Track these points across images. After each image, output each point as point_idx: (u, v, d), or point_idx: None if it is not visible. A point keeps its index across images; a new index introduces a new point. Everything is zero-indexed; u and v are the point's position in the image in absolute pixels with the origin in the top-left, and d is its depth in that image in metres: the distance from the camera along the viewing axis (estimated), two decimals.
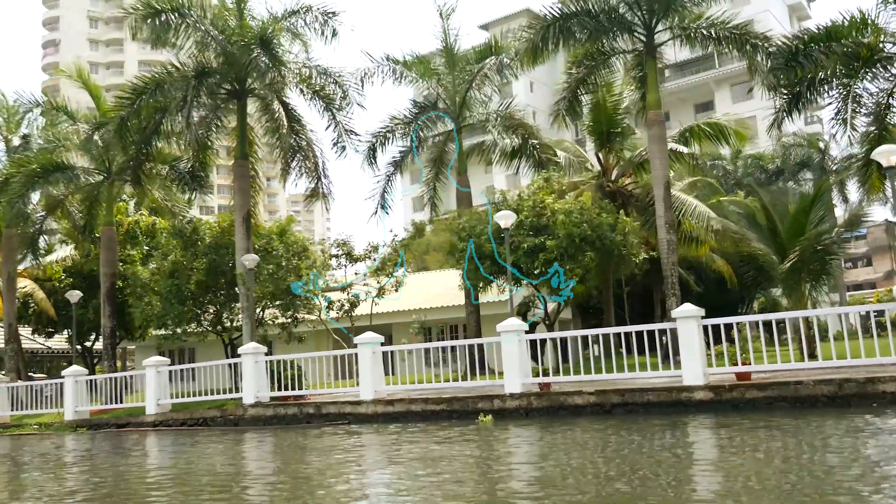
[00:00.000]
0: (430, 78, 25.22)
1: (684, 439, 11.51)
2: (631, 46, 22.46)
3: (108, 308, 25.78)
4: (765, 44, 20.22)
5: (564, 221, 19.00)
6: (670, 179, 21.17)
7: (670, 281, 20.14)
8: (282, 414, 19.28)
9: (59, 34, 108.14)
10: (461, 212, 23.65)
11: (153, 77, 22.58)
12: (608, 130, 25.83)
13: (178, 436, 18.40)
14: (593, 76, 22.93)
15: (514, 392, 16.30)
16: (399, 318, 26.90)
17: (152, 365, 21.73)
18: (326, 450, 13.40)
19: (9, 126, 29.05)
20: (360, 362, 18.35)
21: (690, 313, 14.91)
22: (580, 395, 15.68)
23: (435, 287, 29.26)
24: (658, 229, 20.55)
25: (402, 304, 28.13)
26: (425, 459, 10.87)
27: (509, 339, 16.60)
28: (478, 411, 16.56)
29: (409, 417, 17.24)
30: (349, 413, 18.18)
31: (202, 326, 26.09)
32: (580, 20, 20.39)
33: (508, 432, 13.78)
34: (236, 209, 23.33)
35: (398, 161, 26.03)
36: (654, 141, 20.81)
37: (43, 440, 20.42)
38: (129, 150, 22.60)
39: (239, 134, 23.69)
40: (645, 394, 15.08)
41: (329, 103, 22.91)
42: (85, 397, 23.78)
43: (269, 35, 21.28)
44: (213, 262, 24.18)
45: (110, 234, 26.38)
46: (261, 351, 20.16)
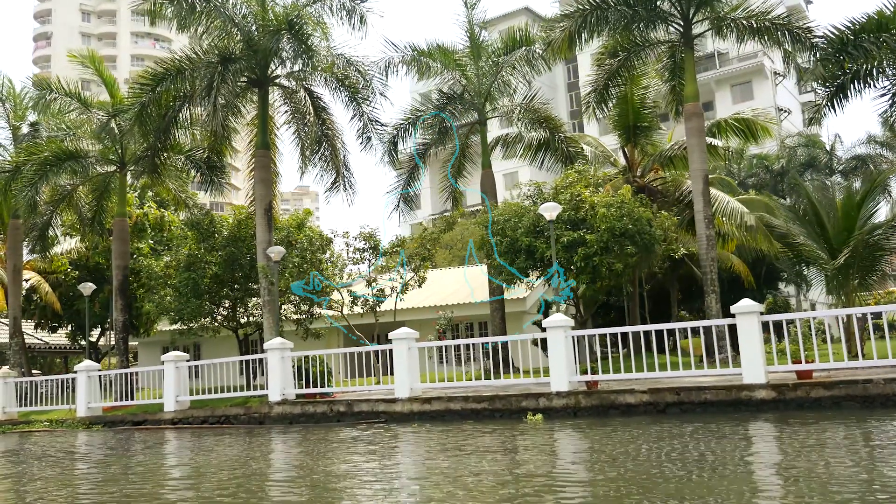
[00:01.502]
0: (454, 69, 24.58)
1: (771, 441, 10.93)
2: (665, 37, 21.96)
3: (120, 302, 24.97)
4: (807, 35, 19.71)
5: (606, 215, 18.42)
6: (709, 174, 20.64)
7: (709, 277, 19.61)
8: (310, 412, 18.60)
9: (50, 27, 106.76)
10: (492, 205, 23.04)
11: (173, 63, 21.82)
12: (634, 125, 25.29)
13: (203, 434, 17.67)
14: (625, 68, 22.37)
15: (561, 390, 15.71)
16: (416, 315, 26.20)
17: (171, 360, 20.98)
18: (388, 450, 12.72)
19: (16, 113, 28.19)
20: (396, 359, 17.70)
21: (751, 308, 14.37)
22: (632, 393, 15.10)
23: (453, 283, 28.66)
24: (696, 224, 20.03)
25: (422, 300, 27.50)
26: (502, 459, 10.26)
27: (556, 335, 16.00)
28: (521, 410, 15.96)
29: (447, 416, 16.63)
30: (383, 411, 17.53)
31: (216, 321, 25.37)
32: (618, 9, 19.81)
33: (566, 432, 13.18)
34: (257, 200, 22.62)
35: (421, 153, 25.39)
36: (692, 134, 20.29)
37: (57, 437, 19.63)
38: (149, 137, 21.82)
39: (260, 123, 23.00)
40: (702, 392, 14.52)
41: (355, 93, 22.22)
42: (97, 393, 22.99)
43: (297, 19, 20.57)
44: (232, 255, 23.44)
45: (122, 225, 25.58)
46: (287, 346, 19.46)
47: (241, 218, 24.88)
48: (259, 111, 23.03)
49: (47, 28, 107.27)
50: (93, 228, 28.16)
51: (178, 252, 25.02)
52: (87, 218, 28.32)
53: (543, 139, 24.87)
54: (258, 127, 23.12)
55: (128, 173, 26.18)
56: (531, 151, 25.98)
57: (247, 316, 25.27)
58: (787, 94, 72.51)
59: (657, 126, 25.81)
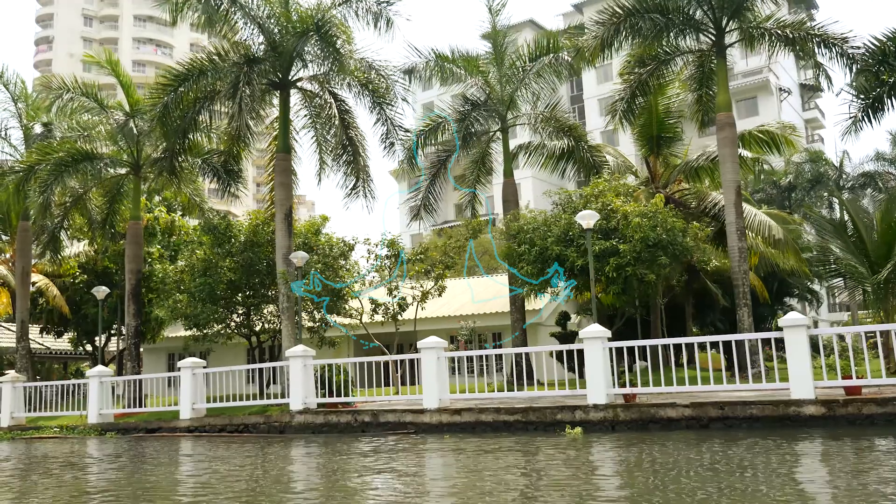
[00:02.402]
0: (477, 75, 24.25)
1: (835, 460, 10.51)
2: (695, 46, 21.69)
3: (132, 306, 24.45)
4: (844, 45, 19.44)
5: (641, 224, 18.05)
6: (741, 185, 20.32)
7: (741, 291, 19.25)
8: (333, 422, 18.11)
9: (52, 31, 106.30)
10: (515, 214, 22.66)
11: (195, 64, 21.41)
12: (658, 135, 24.98)
13: (225, 443, 17.14)
14: (653, 77, 22.07)
15: (599, 403, 15.27)
16: (435, 325, 25.75)
17: (188, 367, 20.48)
18: (433, 463, 12.26)
19: (28, 113, 27.74)
20: (424, 368, 17.24)
21: (798, 322, 13.97)
22: (673, 407, 14.67)
23: (467, 293, 28.22)
24: (728, 236, 19.69)
25: (438, 309, 27.06)
26: (561, 476, 9.83)
27: (593, 346, 15.58)
28: (556, 423, 15.53)
29: (478, 428, 16.17)
30: (411, 422, 17.05)
31: (229, 328, 24.88)
32: (652, 17, 19.53)
33: (612, 446, 12.73)
34: (277, 205, 22.19)
35: (443, 160, 24.99)
36: (725, 144, 20.00)
37: (73, 444, 19.09)
38: (171, 138, 21.38)
39: (281, 126, 22.60)
40: (747, 407, 14.10)
41: (380, 97, 21.83)
42: (110, 400, 22.45)
43: (324, 21, 20.21)
44: (249, 261, 22.98)
45: (136, 228, 25.10)
46: (309, 354, 19.00)
47: (258, 223, 24.43)
48: (280, 114, 22.64)
49: (49, 32, 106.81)
50: (103, 232, 27.66)
51: (191, 256, 24.56)
52: (98, 221, 27.82)
53: (566, 148, 24.50)
54: (279, 130, 22.72)
55: (142, 176, 25.69)
56: (552, 160, 25.62)
57: (261, 323, 24.77)
58: (791, 110, 72.60)
59: (680, 137, 25.49)
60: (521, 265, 19.57)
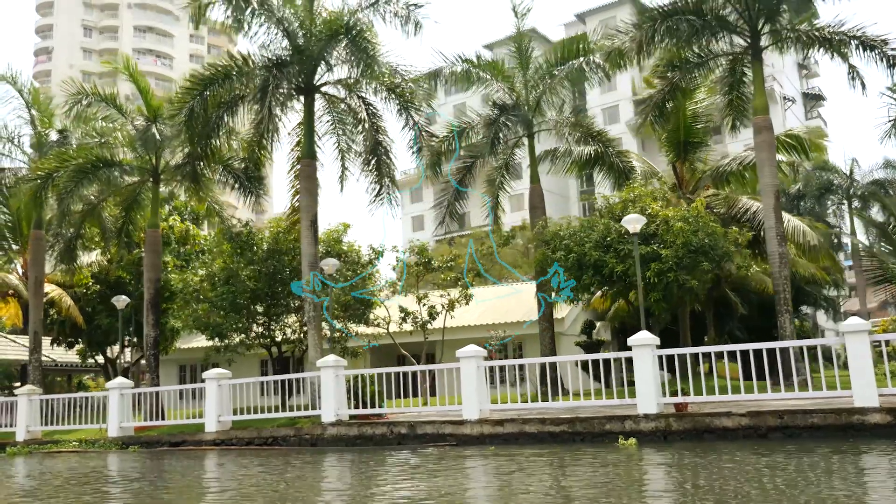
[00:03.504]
0: (503, 80, 23.87)
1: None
2: (727, 49, 21.36)
3: (151, 316, 23.88)
4: (883, 47, 19.13)
5: (683, 229, 17.62)
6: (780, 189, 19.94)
7: (782, 297, 18.85)
8: (368, 434, 17.58)
9: (52, 42, 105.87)
10: (543, 221, 22.23)
11: (220, 69, 20.96)
12: (685, 140, 24.61)
13: (259, 456, 16.57)
14: (684, 81, 21.72)
15: (650, 413, 14.80)
16: (463, 335, 25.23)
17: (214, 378, 19.93)
18: (498, 477, 11.74)
19: (42, 119, 27.25)
20: (464, 378, 16.74)
21: (861, 327, 13.54)
22: (729, 416, 14.20)
23: (498, 302, 27.73)
24: (768, 242, 19.31)
25: (461, 318, 26.56)
26: (657, 489, 9.35)
27: (642, 354, 15.12)
28: (605, 433, 15.04)
29: (521, 439, 15.67)
30: (450, 434, 16.54)
31: (248, 338, 24.35)
32: (689, 19, 19.18)
33: (675, 457, 12.25)
34: (302, 212, 21.70)
35: (469, 166, 24.57)
36: (762, 148, 19.63)
37: (98, 458, 18.52)
38: (195, 143, 20.90)
39: (305, 131, 22.13)
40: (808, 416, 13.64)
41: (407, 102, 21.38)
42: (130, 413, 21.86)
43: (355, 23, 19.82)
44: (273, 269, 22.48)
45: (155, 236, 24.56)
46: (341, 364, 18.51)
47: (279, 231, 23.96)
48: (305, 119, 22.18)
49: (48, 43, 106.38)
50: (119, 241, 27.14)
51: (211, 265, 24.06)
52: (112, 231, 27.28)
53: (593, 154, 24.10)
54: (303, 135, 22.25)
55: (161, 183, 25.22)
56: (575, 165, 25.23)
57: (282, 333, 24.24)
58: (794, 119, 72.54)
59: (706, 142, 25.13)
60: (558, 272, 19.10)
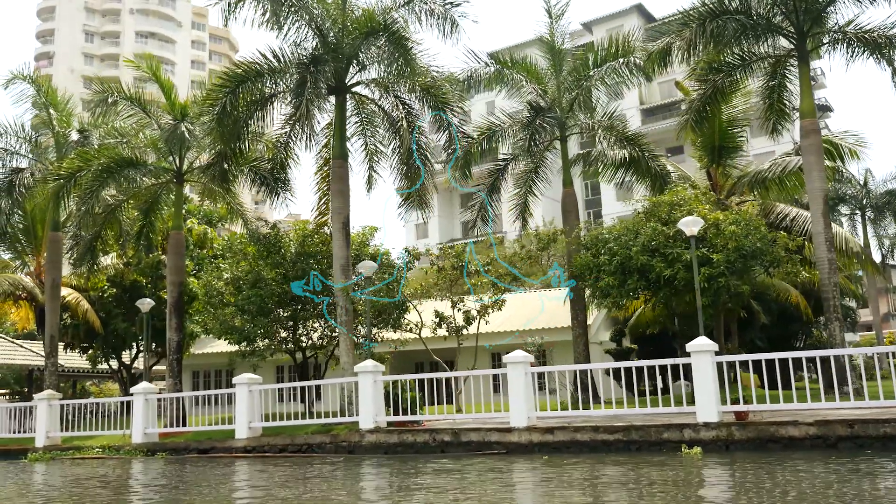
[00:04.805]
0: (537, 82, 23.43)
1: None
2: (771, 51, 20.99)
3: (174, 320, 23.26)
4: None
5: (736, 232, 17.16)
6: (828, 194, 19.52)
7: (832, 304, 18.39)
8: (409, 441, 17.01)
9: (53, 47, 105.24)
10: (574, 225, 21.78)
11: (251, 66, 20.44)
12: (720, 145, 24.18)
13: (298, 464, 15.98)
14: (726, 84, 21.32)
15: (710, 421, 14.29)
16: (492, 341, 24.70)
17: (244, 383, 19.34)
18: (583, 491, 11.20)
19: (61, 119, 26.71)
20: (511, 384, 16.21)
21: None
22: (795, 425, 13.70)
23: (523, 307, 27.21)
24: (816, 248, 18.86)
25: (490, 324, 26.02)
26: None
27: (702, 360, 14.62)
28: (662, 442, 14.55)
29: (574, 448, 15.14)
30: (497, 442, 16.00)
31: (274, 343, 23.77)
32: (737, 18, 18.78)
33: (746, 467, 11.73)
34: (333, 213, 21.17)
35: (501, 169, 24.10)
36: (810, 151, 19.21)
37: (128, 465, 17.91)
38: (227, 142, 20.35)
39: (337, 131, 21.61)
40: (881, 426, 13.14)
41: (442, 102, 20.89)
42: (155, 418, 21.26)
43: (391, 21, 19.36)
44: (301, 272, 21.94)
45: (178, 238, 23.99)
46: (379, 370, 17.97)
47: (307, 233, 23.45)
48: (336, 119, 21.69)
49: (49, 48, 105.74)
50: (138, 244, 26.56)
51: (235, 268, 23.51)
52: (129, 233, 26.67)
53: (627, 157, 23.65)
54: (334, 136, 21.75)
55: (184, 184, 24.67)
56: (608, 168, 24.79)
57: (308, 338, 23.67)
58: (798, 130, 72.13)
59: (741, 147, 24.72)
60: (602, 276, 18.58)
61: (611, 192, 59.35)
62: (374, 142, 23.71)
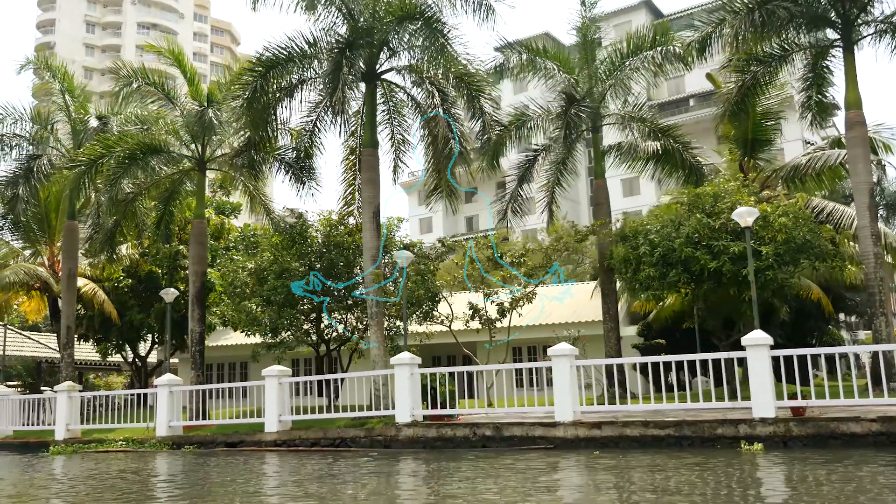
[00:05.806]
0: (569, 71, 22.98)
1: None
2: (814, 41, 20.58)
3: (196, 311, 22.80)
4: None
5: (786, 224, 16.74)
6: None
7: (878, 299, 17.97)
8: (448, 435, 16.58)
9: (53, 37, 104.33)
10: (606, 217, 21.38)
11: (281, 51, 19.91)
12: (753, 138, 23.78)
13: (338, 459, 15.54)
14: (766, 76, 20.91)
15: (766, 417, 13.89)
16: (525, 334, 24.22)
17: (274, 375, 18.88)
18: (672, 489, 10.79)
19: (77, 105, 26.18)
20: (556, 378, 15.78)
21: None
22: (857, 421, 13.30)
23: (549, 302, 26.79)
24: (861, 241, 18.46)
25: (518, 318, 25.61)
26: None
27: (758, 355, 14.21)
28: (716, 438, 14.15)
29: (622, 443, 14.72)
30: (540, 436, 15.58)
31: (298, 335, 23.28)
32: (785, 6, 18.33)
33: (817, 464, 11.32)
34: (364, 203, 20.72)
35: (531, 160, 23.66)
36: (855, 144, 18.79)
37: (164, 459, 17.46)
38: (257, 128, 19.86)
39: (368, 119, 21.15)
40: None
41: (477, 91, 20.42)
42: (179, 411, 20.79)
43: (428, 6, 18.89)
44: (330, 263, 21.49)
45: (201, 227, 23.52)
46: (416, 362, 17.53)
47: (333, 223, 22.99)
48: (367, 107, 21.23)
49: (50, 38, 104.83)
50: (157, 233, 26.05)
51: (259, 257, 23.02)
52: (146, 223, 26.12)
53: (660, 148, 23.23)
54: (365, 124, 21.30)
55: (206, 172, 24.17)
56: (639, 160, 24.36)
57: (334, 330, 23.21)
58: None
59: (776, 140, 24.31)
60: (643, 268, 18.16)
61: (617, 188, 58.88)
62: (400, 131, 23.26)
